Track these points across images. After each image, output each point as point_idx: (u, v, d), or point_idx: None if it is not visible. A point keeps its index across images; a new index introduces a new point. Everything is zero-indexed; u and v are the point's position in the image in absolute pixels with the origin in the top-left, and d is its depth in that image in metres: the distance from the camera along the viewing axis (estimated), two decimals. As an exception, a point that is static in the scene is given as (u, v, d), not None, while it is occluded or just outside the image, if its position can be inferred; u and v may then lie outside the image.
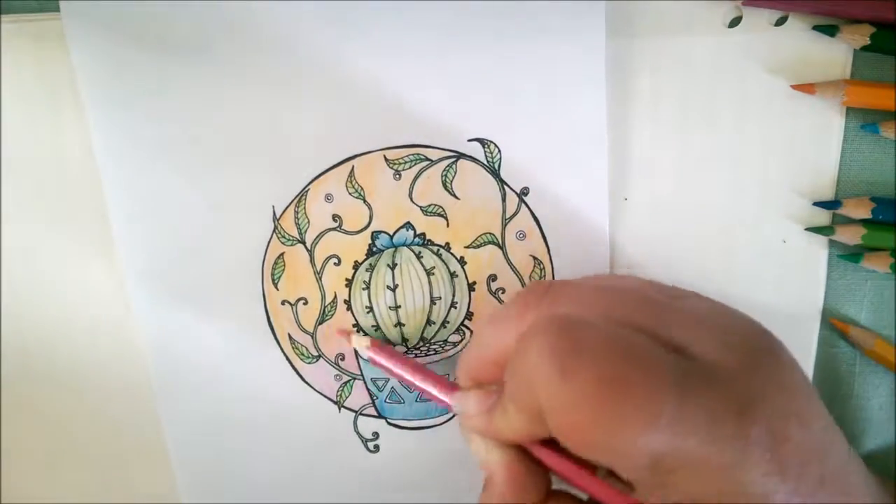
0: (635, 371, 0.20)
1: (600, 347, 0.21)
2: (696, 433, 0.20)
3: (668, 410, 0.20)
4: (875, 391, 0.34)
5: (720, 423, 0.20)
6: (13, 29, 0.30)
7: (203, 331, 0.33)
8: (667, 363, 0.21)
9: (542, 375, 0.21)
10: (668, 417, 0.20)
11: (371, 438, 0.35)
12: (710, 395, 0.20)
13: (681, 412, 0.20)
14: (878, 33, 0.29)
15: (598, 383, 0.20)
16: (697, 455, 0.20)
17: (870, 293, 0.33)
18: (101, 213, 0.32)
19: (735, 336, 0.22)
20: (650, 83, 0.31)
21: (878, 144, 0.31)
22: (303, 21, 0.30)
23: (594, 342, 0.21)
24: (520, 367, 0.23)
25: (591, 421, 0.20)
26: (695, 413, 0.20)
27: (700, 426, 0.20)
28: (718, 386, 0.20)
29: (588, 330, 0.22)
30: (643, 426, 0.20)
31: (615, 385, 0.20)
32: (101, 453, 0.36)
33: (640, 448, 0.20)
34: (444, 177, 0.32)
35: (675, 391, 0.20)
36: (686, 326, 0.22)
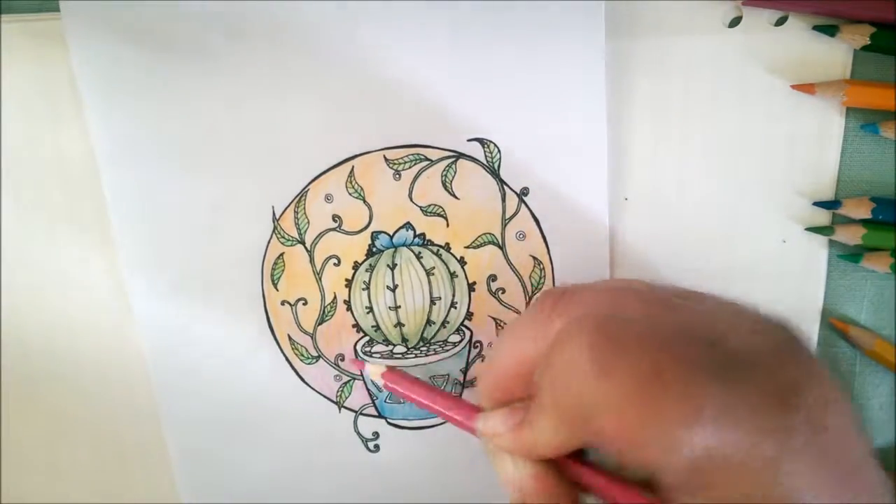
0: (676, 364, 0.20)
1: (639, 342, 0.21)
2: (740, 425, 0.19)
3: (711, 402, 0.19)
4: (875, 391, 0.34)
5: (763, 413, 0.19)
6: (13, 29, 0.30)
7: (203, 331, 0.33)
8: (706, 355, 0.20)
9: (583, 375, 0.21)
10: (711, 409, 0.19)
11: (371, 438, 0.35)
12: (751, 385, 0.20)
13: (725, 404, 0.19)
14: (878, 33, 0.29)
15: (640, 378, 0.20)
16: (742, 448, 0.19)
17: (870, 293, 0.33)
18: (101, 213, 0.32)
19: (765, 326, 0.22)
20: (650, 83, 0.31)
21: (878, 144, 0.31)
22: (302, 22, 0.30)
23: (632, 337, 0.21)
24: (557, 370, 0.22)
25: (635, 417, 0.20)
26: (737, 405, 0.19)
27: (744, 418, 0.19)
28: (759, 376, 0.20)
29: (624, 326, 0.21)
30: (687, 419, 0.19)
31: (657, 379, 0.20)
32: (101, 453, 0.36)
33: (685, 443, 0.19)
34: (444, 177, 0.32)
35: (716, 383, 0.20)
36: (716, 320, 0.22)
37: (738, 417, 0.19)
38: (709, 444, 0.19)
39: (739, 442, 0.19)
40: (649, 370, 0.20)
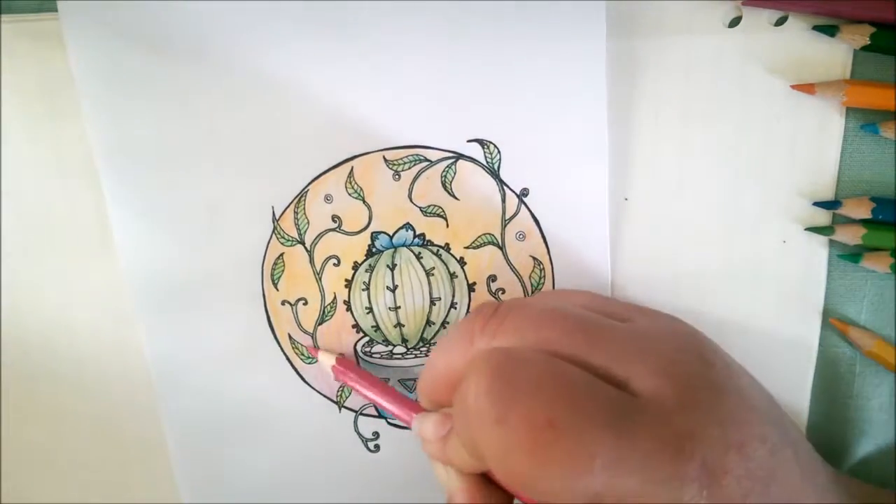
0: (570, 414, 0.20)
1: (535, 389, 0.21)
2: (632, 475, 0.20)
3: (602, 453, 0.20)
4: (875, 391, 0.34)
5: (656, 463, 0.20)
6: (13, 29, 0.30)
7: (203, 331, 0.34)
8: (603, 403, 0.21)
9: (478, 419, 0.21)
10: (603, 460, 0.20)
11: (371, 438, 0.35)
12: (646, 435, 0.20)
13: (616, 455, 0.20)
14: (878, 33, 0.28)
15: (531, 429, 0.20)
16: (635, 495, 0.20)
17: (870, 293, 0.33)
18: (101, 213, 0.32)
19: (675, 366, 0.22)
20: (650, 83, 0.31)
21: (878, 144, 0.31)
22: (302, 22, 0.30)
23: (529, 384, 0.21)
24: (460, 407, 0.23)
25: (526, 466, 0.20)
26: (630, 455, 0.20)
27: (636, 468, 0.20)
28: (654, 425, 0.20)
29: (523, 369, 0.22)
30: (578, 471, 0.20)
31: (549, 429, 0.20)
32: (100, 453, 0.36)
33: (578, 491, 0.20)
34: (444, 177, 0.32)
35: (610, 433, 0.20)
36: (627, 357, 0.22)
37: (630, 468, 0.20)
38: (602, 490, 0.20)
39: (631, 492, 0.20)
40: (542, 420, 0.20)
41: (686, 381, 0.21)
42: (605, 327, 0.23)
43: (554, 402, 0.20)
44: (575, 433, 0.20)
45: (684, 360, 0.22)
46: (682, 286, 0.32)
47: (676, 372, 0.22)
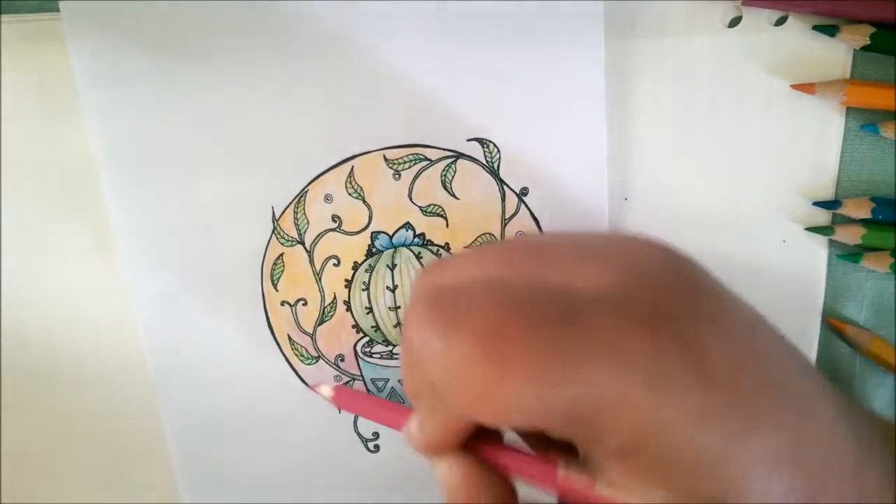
0: (519, 319, 0.19)
1: (474, 306, 0.20)
2: (599, 366, 0.18)
3: (560, 350, 0.18)
4: (875, 391, 0.34)
5: (621, 345, 0.18)
6: (13, 29, 0.30)
7: (203, 331, 0.33)
8: (550, 303, 0.19)
9: (426, 355, 0.20)
10: (562, 358, 0.18)
11: (371, 438, 0.35)
12: (604, 319, 0.19)
13: (574, 345, 0.18)
14: (878, 33, 0.28)
15: (479, 342, 0.19)
16: (612, 386, 0.18)
17: (870, 293, 0.33)
18: (101, 213, 0.32)
19: (624, 261, 0.20)
20: (650, 83, 0.31)
21: (878, 144, 0.31)
22: (302, 22, 0.30)
23: (468, 303, 0.20)
24: (405, 356, 0.22)
25: (486, 383, 0.19)
26: (590, 342, 0.18)
27: (601, 355, 0.18)
28: (610, 309, 0.19)
29: (458, 292, 0.20)
30: (540, 374, 0.18)
31: (497, 338, 0.19)
32: (101, 453, 0.36)
33: (550, 399, 0.18)
34: (444, 177, 0.32)
35: (562, 327, 0.18)
36: (574, 262, 0.21)
37: (593, 358, 0.18)
38: (572, 393, 0.18)
39: (605, 381, 0.18)
40: (489, 329, 0.19)
41: (640, 270, 0.20)
42: (548, 242, 0.22)
43: (497, 311, 0.19)
44: (525, 334, 0.19)
45: (636, 253, 0.21)
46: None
47: (628, 263, 0.20)
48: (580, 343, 0.18)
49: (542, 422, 0.19)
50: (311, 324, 0.34)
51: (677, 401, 0.18)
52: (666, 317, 0.19)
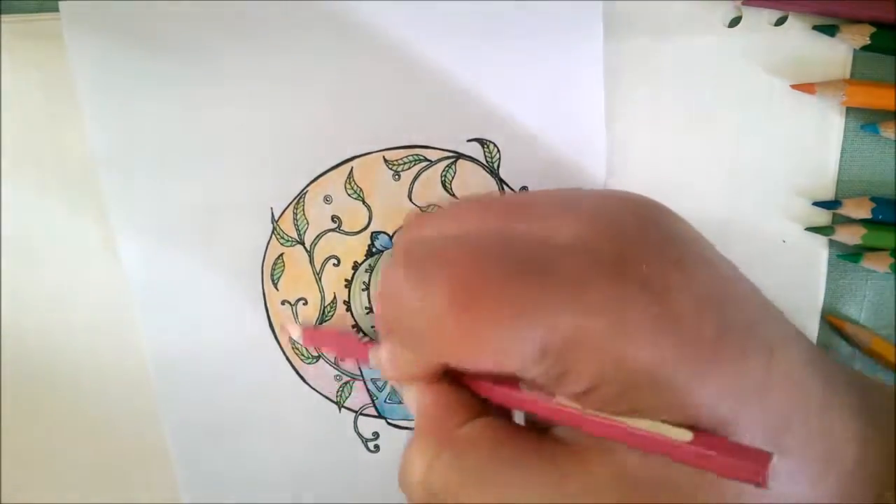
0: (491, 267, 0.20)
1: (449, 259, 0.20)
2: (565, 310, 0.19)
3: (530, 295, 0.19)
4: (875, 391, 0.34)
5: (587, 290, 0.19)
6: (13, 29, 0.30)
7: (203, 331, 0.34)
8: (520, 253, 0.20)
9: (402, 300, 0.21)
10: (532, 302, 0.19)
11: (371, 438, 0.35)
12: (572, 268, 0.19)
13: (545, 293, 0.19)
14: (878, 33, 0.28)
15: (451, 292, 0.20)
16: (578, 328, 0.19)
17: (870, 293, 0.33)
18: (101, 213, 0.32)
19: (598, 213, 0.21)
20: (649, 83, 0.31)
21: (878, 144, 0.31)
22: (301, 22, 0.30)
23: (442, 256, 0.21)
24: (383, 300, 0.22)
25: (461, 331, 0.20)
26: (558, 289, 0.19)
27: (569, 302, 0.19)
28: (580, 258, 0.20)
29: (433, 243, 0.21)
30: (510, 319, 0.19)
31: (468, 289, 0.20)
32: (101, 453, 0.36)
33: (523, 344, 0.19)
34: (444, 177, 0.32)
35: (531, 276, 0.19)
36: (547, 216, 0.21)
37: (563, 302, 0.19)
38: (541, 334, 0.19)
39: (573, 322, 0.19)
40: (461, 280, 0.20)
41: (610, 219, 0.21)
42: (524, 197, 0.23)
43: (469, 264, 0.20)
44: (494, 283, 0.19)
45: (607, 204, 0.22)
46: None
47: (599, 213, 0.21)
48: (547, 289, 0.19)
49: (512, 365, 0.20)
50: (312, 323, 0.34)
51: (640, 341, 0.19)
52: (632, 263, 0.19)
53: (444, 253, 0.21)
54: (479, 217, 0.22)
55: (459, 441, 0.22)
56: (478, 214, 0.22)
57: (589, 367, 0.19)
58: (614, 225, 0.21)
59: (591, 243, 0.20)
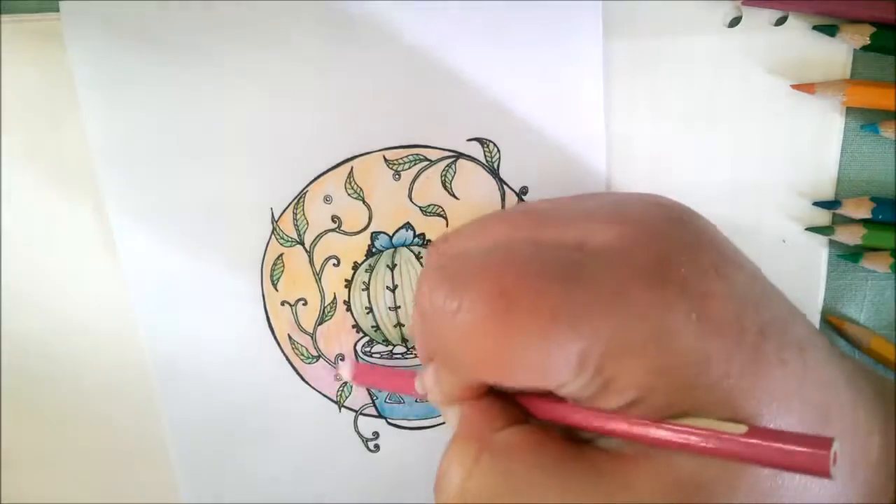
0: (518, 279, 0.19)
1: (481, 271, 0.20)
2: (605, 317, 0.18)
3: (562, 305, 0.19)
4: (875, 391, 0.34)
5: (627, 296, 0.19)
6: (13, 29, 0.30)
7: (203, 331, 0.34)
8: (552, 262, 0.20)
9: (437, 318, 0.21)
10: (566, 312, 0.18)
11: (371, 438, 0.35)
12: (609, 273, 0.19)
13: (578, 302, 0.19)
14: (878, 33, 0.28)
15: (484, 304, 0.20)
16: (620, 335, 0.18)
17: (870, 293, 0.33)
18: (101, 213, 0.32)
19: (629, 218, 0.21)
20: (649, 83, 0.31)
21: (878, 144, 0.31)
22: (301, 21, 0.30)
23: (474, 269, 0.20)
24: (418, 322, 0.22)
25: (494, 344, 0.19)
26: (596, 295, 0.19)
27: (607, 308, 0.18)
28: (615, 264, 0.19)
29: (466, 259, 0.21)
30: (544, 330, 0.19)
31: (501, 299, 0.19)
32: (101, 453, 0.36)
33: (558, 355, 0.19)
34: (444, 177, 0.32)
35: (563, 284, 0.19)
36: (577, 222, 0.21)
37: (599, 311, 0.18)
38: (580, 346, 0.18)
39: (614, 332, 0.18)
40: (493, 292, 0.19)
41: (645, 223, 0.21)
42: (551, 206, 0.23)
43: (501, 275, 0.20)
44: (527, 294, 0.19)
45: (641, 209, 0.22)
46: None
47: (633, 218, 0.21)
48: (585, 298, 0.19)
49: (551, 378, 0.19)
50: (312, 323, 0.34)
51: (684, 348, 0.18)
52: (670, 268, 0.19)
53: (478, 265, 0.20)
54: (508, 227, 0.22)
55: (500, 446, 0.21)
56: (506, 225, 0.22)
57: (633, 377, 0.19)
58: (649, 229, 0.20)
59: (627, 248, 0.20)
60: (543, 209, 0.23)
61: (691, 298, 0.19)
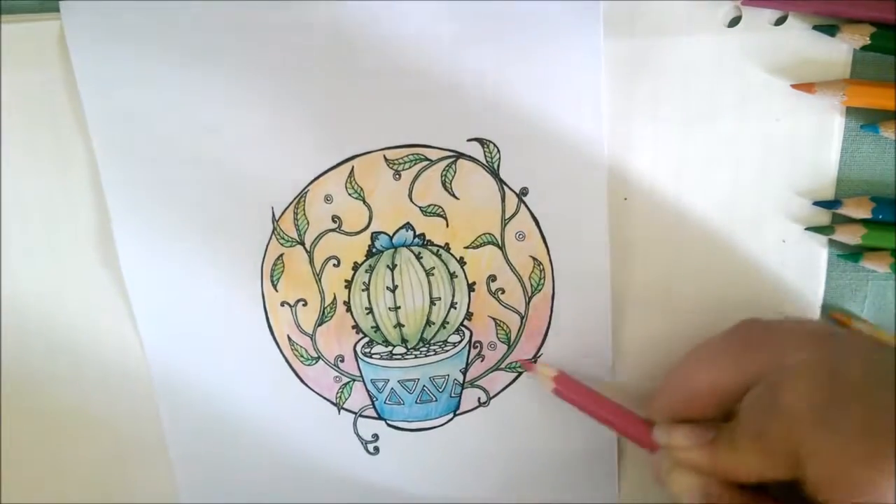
0: (884, 414, 0.21)
1: (853, 394, 0.22)
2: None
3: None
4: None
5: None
6: (13, 29, 0.31)
7: (202, 332, 0.34)
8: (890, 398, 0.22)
9: (807, 422, 0.23)
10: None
11: (371, 440, 0.35)
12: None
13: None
14: (878, 33, 0.28)
15: (859, 435, 0.22)
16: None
17: (870, 293, 0.33)
18: (101, 213, 0.32)
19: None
20: (650, 83, 0.31)
21: (878, 144, 0.31)
22: (302, 22, 0.30)
23: (847, 389, 0.23)
24: (778, 413, 0.24)
25: (850, 467, 0.21)
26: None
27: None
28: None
29: (841, 376, 0.23)
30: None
31: (869, 431, 0.21)
32: (101, 453, 0.36)
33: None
34: (444, 177, 0.32)
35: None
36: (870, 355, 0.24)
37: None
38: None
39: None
40: (862, 423, 0.22)
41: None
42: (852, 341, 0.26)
43: (869, 407, 0.22)
44: (890, 433, 0.21)
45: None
46: (682, 286, 0.32)
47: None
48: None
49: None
50: (311, 324, 0.34)
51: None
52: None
53: (855, 391, 0.23)
54: (848, 354, 0.24)
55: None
56: (848, 352, 0.24)
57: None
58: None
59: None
60: (844, 336, 0.27)
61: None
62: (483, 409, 0.35)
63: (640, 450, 0.31)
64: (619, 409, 0.31)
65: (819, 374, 0.23)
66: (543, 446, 0.35)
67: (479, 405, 0.35)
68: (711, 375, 0.27)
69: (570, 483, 0.36)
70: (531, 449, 0.35)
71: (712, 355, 0.28)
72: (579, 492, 0.36)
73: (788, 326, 0.27)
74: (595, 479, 0.35)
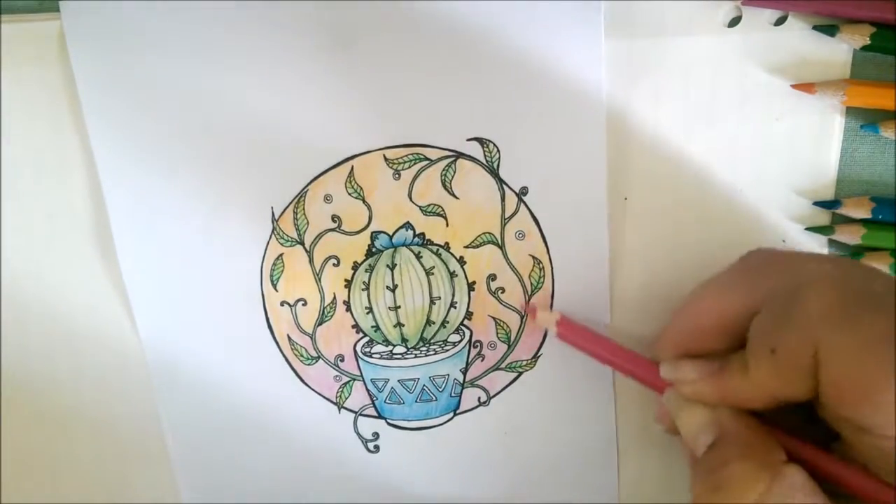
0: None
1: (878, 301, 0.22)
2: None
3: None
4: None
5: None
6: (13, 29, 0.31)
7: (202, 332, 0.34)
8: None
9: (827, 326, 0.22)
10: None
11: (371, 439, 0.35)
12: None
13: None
14: (878, 33, 0.28)
15: (877, 335, 0.22)
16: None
17: (870, 293, 0.33)
18: (100, 213, 0.32)
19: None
20: (650, 83, 0.31)
21: (878, 144, 0.31)
22: (302, 22, 0.30)
23: (872, 296, 0.23)
24: (796, 321, 0.23)
25: (868, 368, 0.21)
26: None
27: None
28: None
29: (869, 290, 0.23)
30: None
31: (890, 338, 0.21)
32: (101, 453, 0.36)
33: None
34: (444, 176, 0.32)
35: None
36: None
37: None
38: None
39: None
40: (884, 330, 0.22)
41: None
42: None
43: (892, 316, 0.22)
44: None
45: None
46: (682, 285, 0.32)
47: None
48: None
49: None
50: (311, 324, 0.34)
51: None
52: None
53: (877, 295, 0.23)
54: (858, 278, 0.24)
55: (787, 481, 0.23)
56: (858, 277, 0.24)
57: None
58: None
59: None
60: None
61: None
62: (483, 408, 0.35)
63: (639, 448, 0.31)
64: (622, 349, 0.31)
65: (841, 284, 0.23)
66: (543, 446, 0.35)
67: (479, 405, 0.35)
68: (720, 304, 0.27)
69: (570, 483, 0.36)
70: (531, 449, 0.35)
71: (719, 285, 0.27)
72: (579, 492, 0.36)
73: (800, 252, 0.27)
74: (595, 479, 0.35)
